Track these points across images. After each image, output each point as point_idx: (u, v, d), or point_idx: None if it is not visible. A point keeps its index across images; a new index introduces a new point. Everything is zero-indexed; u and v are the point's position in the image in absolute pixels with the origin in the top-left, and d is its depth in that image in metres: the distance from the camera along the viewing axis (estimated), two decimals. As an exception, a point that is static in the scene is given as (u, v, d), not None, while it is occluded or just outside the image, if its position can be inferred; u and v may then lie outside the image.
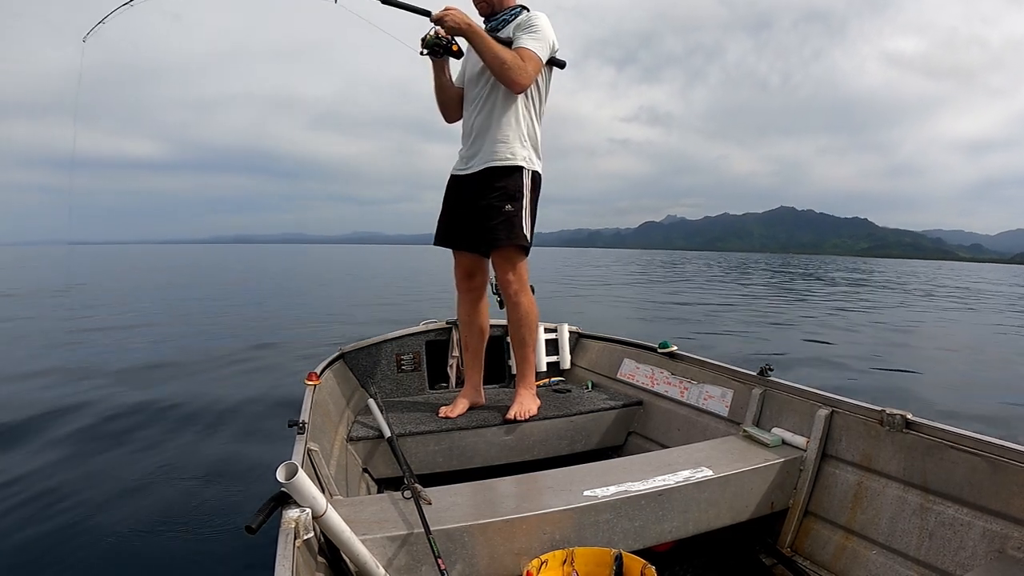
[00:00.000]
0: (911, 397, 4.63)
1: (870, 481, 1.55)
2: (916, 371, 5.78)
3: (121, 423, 3.55)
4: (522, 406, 2.24)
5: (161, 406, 3.90)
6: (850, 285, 21.81)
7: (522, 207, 2.14)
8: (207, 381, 4.74)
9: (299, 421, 1.58)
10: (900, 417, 1.50)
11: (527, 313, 2.26)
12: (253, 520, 1.04)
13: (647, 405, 2.41)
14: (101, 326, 7.95)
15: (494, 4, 2.17)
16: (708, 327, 8.49)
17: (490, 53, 2.00)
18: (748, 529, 1.68)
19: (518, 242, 2.15)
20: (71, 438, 3.27)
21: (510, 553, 1.35)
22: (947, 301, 15.55)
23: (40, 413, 3.67)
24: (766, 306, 12.34)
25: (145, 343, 6.65)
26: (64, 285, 16.30)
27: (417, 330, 2.79)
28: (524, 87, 2.06)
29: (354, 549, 1.17)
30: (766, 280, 23.36)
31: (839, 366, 5.77)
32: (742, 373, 2.05)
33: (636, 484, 1.50)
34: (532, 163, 2.18)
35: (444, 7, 2.00)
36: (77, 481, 2.68)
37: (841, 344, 7.26)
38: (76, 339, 6.86)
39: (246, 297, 13.14)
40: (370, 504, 1.45)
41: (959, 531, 1.33)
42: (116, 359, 5.58)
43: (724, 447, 1.78)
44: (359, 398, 2.47)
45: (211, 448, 3.14)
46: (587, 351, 2.98)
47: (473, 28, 2.01)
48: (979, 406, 4.36)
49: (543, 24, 2.08)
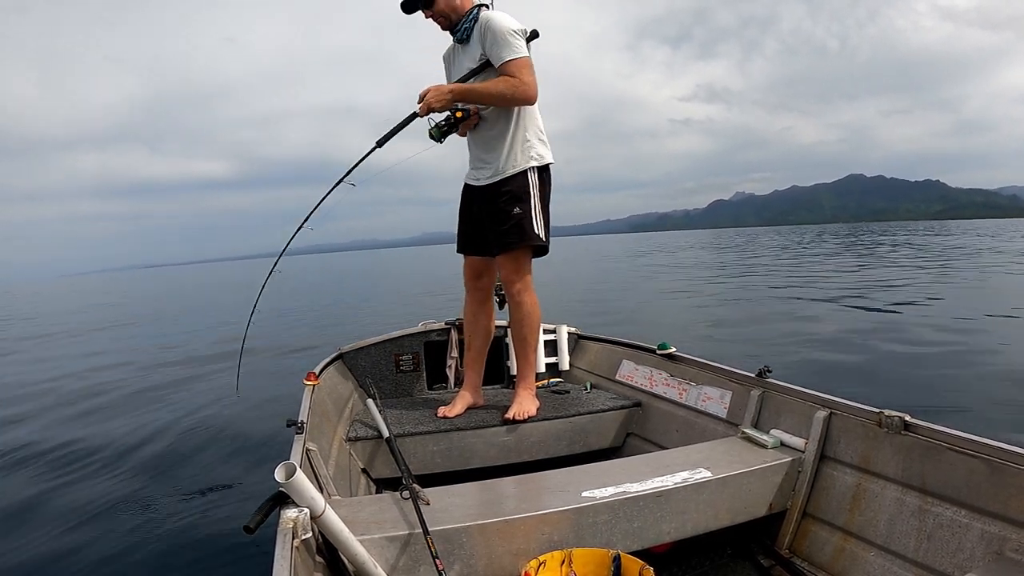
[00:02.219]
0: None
1: (868, 483, 1.55)
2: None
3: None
4: (521, 407, 2.24)
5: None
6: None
7: (531, 207, 2.15)
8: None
9: (298, 421, 1.58)
10: (898, 419, 1.50)
11: (530, 313, 2.26)
12: (251, 520, 1.04)
13: (646, 406, 2.40)
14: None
15: (451, 17, 2.15)
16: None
17: (487, 98, 2.04)
18: (746, 530, 1.68)
19: (531, 243, 2.16)
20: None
21: (508, 554, 1.35)
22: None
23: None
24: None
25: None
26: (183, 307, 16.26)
27: (416, 330, 2.79)
28: (535, 97, 2.07)
29: (352, 549, 1.17)
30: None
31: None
32: (741, 375, 2.05)
33: (635, 485, 1.50)
34: (537, 160, 2.18)
35: (420, 96, 2.02)
36: (77, 479, 2.68)
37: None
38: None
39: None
40: (368, 504, 1.45)
41: (957, 533, 1.33)
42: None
43: (722, 448, 1.77)
44: (358, 398, 2.47)
45: (212, 447, 3.14)
46: (586, 352, 2.98)
47: (457, 92, 2.04)
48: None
49: (502, 24, 2.04)
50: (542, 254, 2.27)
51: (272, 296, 15.81)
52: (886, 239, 33.08)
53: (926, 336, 5.64)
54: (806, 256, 21.14)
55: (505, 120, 2.13)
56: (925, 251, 20.12)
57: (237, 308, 13.30)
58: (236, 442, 3.23)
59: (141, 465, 2.88)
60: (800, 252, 24.20)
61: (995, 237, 30.06)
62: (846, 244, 28.57)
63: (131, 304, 19.07)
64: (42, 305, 22.36)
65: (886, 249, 22.01)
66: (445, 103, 2.02)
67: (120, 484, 2.65)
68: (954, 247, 20.85)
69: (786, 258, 20.52)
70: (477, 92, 2.03)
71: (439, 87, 2.03)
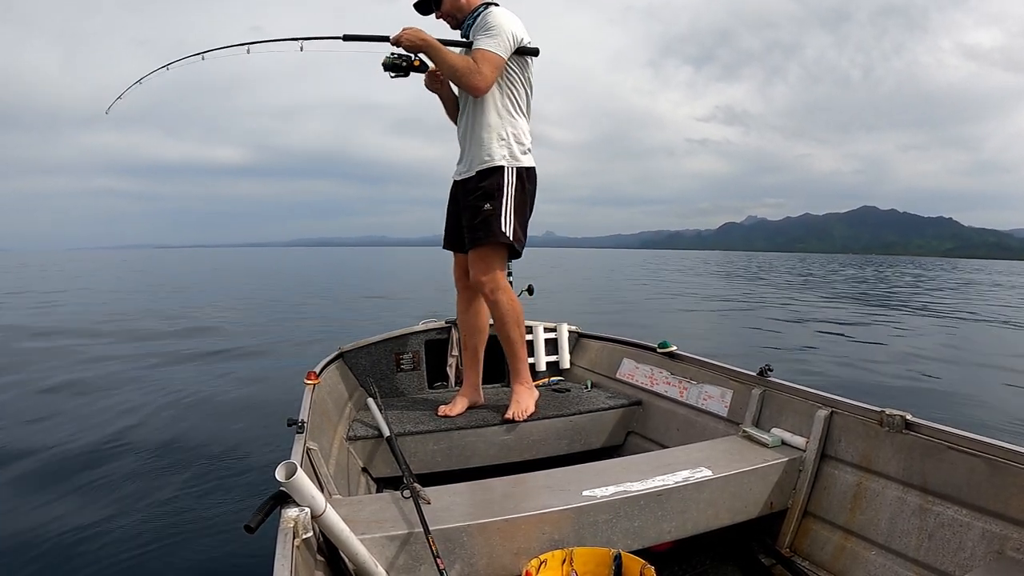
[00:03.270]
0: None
1: (869, 482, 1.55)
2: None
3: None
4: (519, 405, 2.24)
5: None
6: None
7: (501, 205, 2.14)
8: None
9: (298, 420, 1.58)
10: (899, 418, 1.50)
11: (508, 310, 2.23)
12: (252, 519, 1.04)
13: (646, 405, 2.40)
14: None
15: (457, 17, 2.21)
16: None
17: (445, 64, 2.06)
18: (747, 529, 1.68)
19: (496, 239, 2.14)
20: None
21: (509, 553, 1.35)
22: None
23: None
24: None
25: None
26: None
27: (416, 329, 2.79)
28: (482, 90, 2.08)
29: (353, 548, 1.17)
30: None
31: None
32: (742, 373, 2.05)
33: (635, 484, 1.50)
34: (515, 160, 2.18)
35: (401, 29, 2.06)
36: (76, 478, 2.68)
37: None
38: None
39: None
40: (369, 503, 1.45)
41: (958, 532, 1.33)
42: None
43: (723, 447, 1.77)
44: (358, 397, 2.47)
45: (213, 442, 3.14)
46: (586, 351, 2.98)
47: (428, 43, 2.05)
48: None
49: (498, 20, 2.08)
50: (515, 256, 2.26)
51: (281, 289, 15.84)
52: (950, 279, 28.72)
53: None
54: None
55: (485, 113, 2.15)
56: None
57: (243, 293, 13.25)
58: (236, 442, 3.23)
59: (141, 464, 2.88)
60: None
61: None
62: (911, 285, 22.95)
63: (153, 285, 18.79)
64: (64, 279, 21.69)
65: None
66: (414, 45, 2.06)
67: (120, 484, 2.65)
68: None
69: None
70: (442, 53, 2.06)
71: (419, 31, 2.07)
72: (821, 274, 30.63)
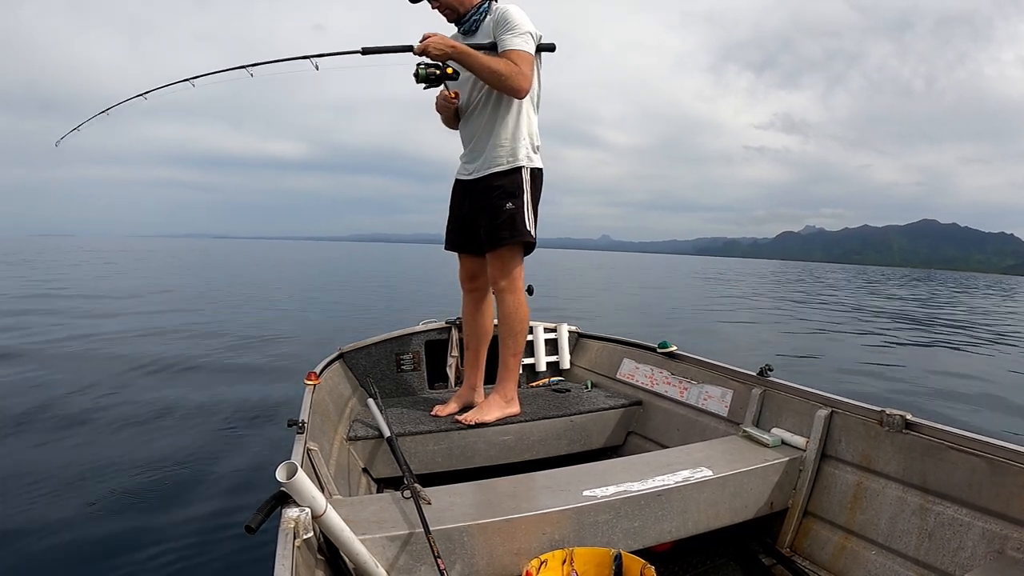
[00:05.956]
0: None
1: (870, 481, 1.55)
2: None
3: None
4: (480, 412, 2.18)
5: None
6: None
7: (523, 203, 2.14)
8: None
9: (298, 421, 1.58)
10: (900, 417, 1.50)
11: (512, 313, 2.19)
12: (252, 520, 1.04)
13: (647, 405, 2.40)
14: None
15: (458, 8, 2.14)
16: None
17: (484, 69, 1.99)
18: (747, 529, 1.68)
19: (522, 239, 2.15)
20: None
21: (509, 553, 1.35)
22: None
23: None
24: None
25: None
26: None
27: (417, 330, 2.79)
28: (526, 91, 2.04)
29: (353, 549, 1.17)
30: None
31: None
32: (742, 373, 2.05)
33: (635, 484, 1.50)
34: (532, 161, 2.18)
35: (423, 37, 1.99)
36: (75, 477, 2.68)
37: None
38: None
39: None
40: (369, 504, 1.45)
41: (958, 531, 1.33)
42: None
43: (723, 447, 1.78)
44: (359, 398, 2.47)
45: (213, 441, 3.14)
46: (587, 351, 2.98)
47: (459, 49, 1.99)
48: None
49: (521, 17, 2.05)
50: (529, 252, 2.25)
51: (299, 286, 15.51)
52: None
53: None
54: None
55: (499, 111, 2.13)
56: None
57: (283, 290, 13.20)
58: (237, 441, 3.23)
59: (140, 465, 2.88)
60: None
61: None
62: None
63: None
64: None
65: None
66: (442, 53, 1.98)
67: (118, 484, 2.65)
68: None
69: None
70: (476, 58, 1.99)
71: (444, 37, 2.00)
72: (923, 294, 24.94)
